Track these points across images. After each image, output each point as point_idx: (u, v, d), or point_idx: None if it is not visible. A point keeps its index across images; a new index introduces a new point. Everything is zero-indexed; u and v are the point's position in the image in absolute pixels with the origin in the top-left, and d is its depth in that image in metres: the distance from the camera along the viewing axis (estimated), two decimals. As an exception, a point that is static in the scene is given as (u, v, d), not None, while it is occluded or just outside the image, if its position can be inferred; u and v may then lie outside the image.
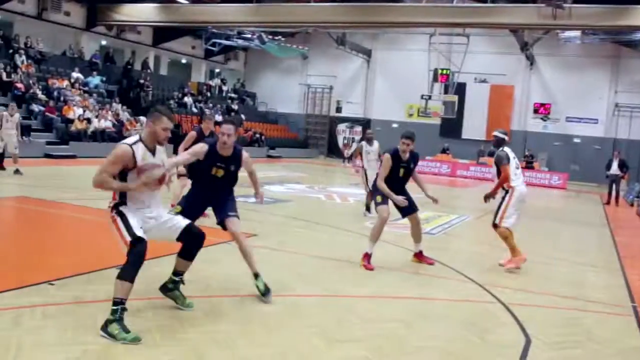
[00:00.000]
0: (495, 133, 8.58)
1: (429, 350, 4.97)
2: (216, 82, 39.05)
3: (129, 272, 4.70)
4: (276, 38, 33.67)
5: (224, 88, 39.24)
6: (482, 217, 13.32)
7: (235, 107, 36.83)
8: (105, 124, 24.87)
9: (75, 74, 27.42)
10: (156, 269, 5.97)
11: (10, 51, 25.39)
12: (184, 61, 39.90)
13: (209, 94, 36.93)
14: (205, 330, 4.88)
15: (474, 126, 34.18)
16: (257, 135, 34.06)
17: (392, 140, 9.13)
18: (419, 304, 6.39)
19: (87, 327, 4.67)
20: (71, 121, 23.67)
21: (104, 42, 33.60)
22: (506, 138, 8.51)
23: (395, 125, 34.85)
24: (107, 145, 24.07)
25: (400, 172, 7.82)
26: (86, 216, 8.50)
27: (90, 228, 8.60)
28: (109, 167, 4.81)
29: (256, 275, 5.91)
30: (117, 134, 25.07)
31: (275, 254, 8.03)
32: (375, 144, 12.74)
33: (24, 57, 25.46)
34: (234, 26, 30.83)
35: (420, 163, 10.96)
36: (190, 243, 5.22)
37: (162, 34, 34.68)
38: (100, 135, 24.20)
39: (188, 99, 33.46)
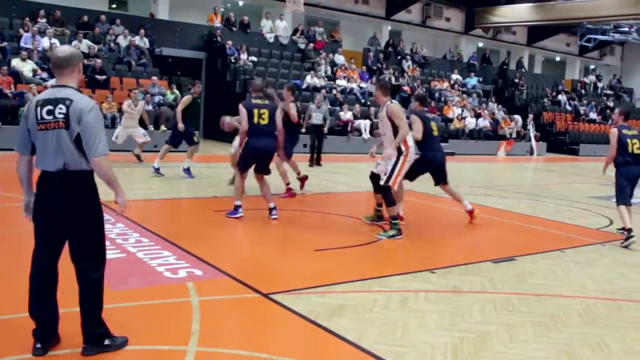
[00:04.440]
0: None
1: None
2: (591, 78, 37.71)
3: None
4: (655, 30, 30.73)
5: (599, 85, 37.48)
6: None
7: (610, 104, 34.61)
8: (482, 122, 25.57)
9: (455, 76, 28.88)
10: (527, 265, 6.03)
11: (399, 57, 27.98)
12: (557, 59, 39.26)
13: (583, 92, 35.72)
14: (578, 331, 4.78)
15: None
16: None
17: None
18: None
19: (463, 316, 4.95)
20: (450, 120, 24.95)
21: (480, 44, 34.65)
22: None
23: None
24: (484, 144, 24.74)
25: None
26: (462, 210, 8.95)
27: (465, 221, 9.04)
28: None
29: None
30: (493, 132, 25.60)
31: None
32: None
33: (409, 62, 27.81)
34: (610, 20, 29.16)
35: None
36: None
37: (537, 33, 34.64)
38: (477, 134, 24.99)
39: (562, 97, 32.84)
